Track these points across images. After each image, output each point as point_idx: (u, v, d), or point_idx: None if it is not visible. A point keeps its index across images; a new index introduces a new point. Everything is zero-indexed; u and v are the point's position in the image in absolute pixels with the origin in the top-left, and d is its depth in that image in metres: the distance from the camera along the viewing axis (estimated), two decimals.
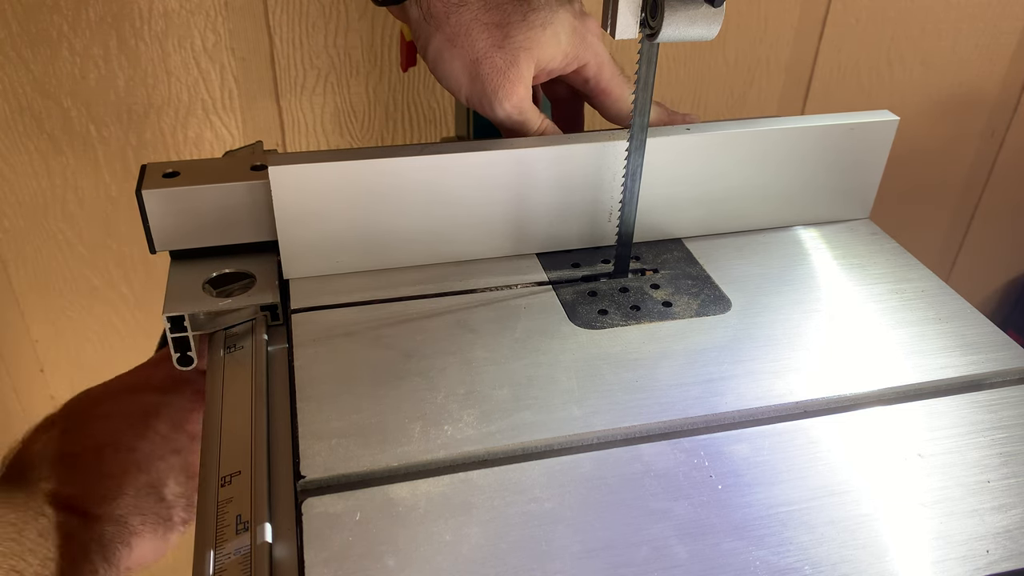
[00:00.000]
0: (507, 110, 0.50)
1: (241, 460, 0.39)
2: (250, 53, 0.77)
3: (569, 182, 0.51)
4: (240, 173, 0.49)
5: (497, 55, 0.48)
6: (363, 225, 0.50)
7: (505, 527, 0.35)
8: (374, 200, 0.49)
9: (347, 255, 0.50)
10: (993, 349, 0.46)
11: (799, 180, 0.56)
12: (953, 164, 1.09)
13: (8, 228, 0.81)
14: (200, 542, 0.35)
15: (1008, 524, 0.37)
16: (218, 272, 0.49)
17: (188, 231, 0.49)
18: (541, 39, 0.49)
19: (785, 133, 0.53)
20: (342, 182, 0.48)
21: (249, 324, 0.48)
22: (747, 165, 0.54)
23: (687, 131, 0.52)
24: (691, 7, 0.41)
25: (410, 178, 0.49)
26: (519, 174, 0.50)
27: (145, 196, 0.48)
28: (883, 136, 0.55)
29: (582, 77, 0.53)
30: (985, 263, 1.21)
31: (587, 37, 0.51)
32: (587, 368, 0.44)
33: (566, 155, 0.50)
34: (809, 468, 0.39)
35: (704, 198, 0.55)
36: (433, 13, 0.49)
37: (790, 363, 0.45)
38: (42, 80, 0.74)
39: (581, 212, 0.53)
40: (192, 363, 0.47)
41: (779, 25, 0.91)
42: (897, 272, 0.53)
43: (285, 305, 0.49)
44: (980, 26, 0.98)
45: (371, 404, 0.41)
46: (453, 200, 0.50)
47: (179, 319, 0.46)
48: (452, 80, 0.50)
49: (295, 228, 0.49)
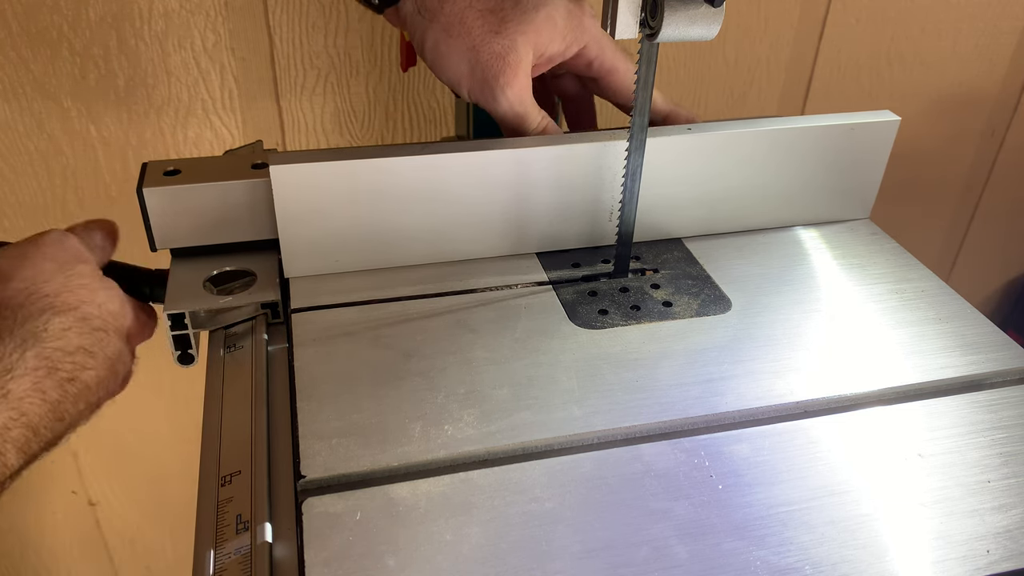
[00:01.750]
0: (509, 98, 0.49)
1: (241, 460, 0.39)
2: (250, 53, 0.77)
3: (569, 182, 0.51)
4: (241, 171, 0.49)
5: (495, 40, 0.48)
6: (364, 224, 0.50)
7: (505, 527, 0.35)
8: (375, 199, 0.49)
9: (348, 254, 0.50)
10: (993, 349, 0.46)
11: (800, 180, 0.56)
12: (953, 164, 1.09)
13: (8, 228, 0.81)
14: (200, 542, 0.35)
15: (1008, 524, 0.37)
16: (219, 270, 0.49)
17: (189, 229, 0.49)
18: (536, 21, 0.49)
19: (786, 133, 0.53)
20: (343, 181, 0.48)
21: (249, 323, 0.48)
22: (748, 165, 0.54)
23: (688, 131, 0.52)
24: (691, 7, 0.41)
25: (410, 177, 0.49)
26: (519, 173, 0.50)
27: (146, 194, 0.48)
28: (884, 136, 0.55)
29: (585, 60, 0.53)
30: (985, 263, 1.21)
31: (583, 20, 0.51)
32: (587, 368, 0.44)
33: (566, 155, 0.50)
34: (809, 468, 0.39)
35: (705, 198, 0.55)
36: (427, 6, 0.49)
37: (790, 363, 0.45)
38: (42, 80, 0.74)
39: (581, 212, 0.53)
40: (193, 361, 0.47)
41: (779, 25, 0.91)
42: (897, 272, 0.53)
43: (286, 303, 0.49)
44: (980, 26, 0.98)
45: (371, 404, 0.41)
46: (453, 199, 0.50)
47: (180, 316, 0.46)
48: (451, 72, 0.50)
49: (296, 227, 0.49)
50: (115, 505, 1.02)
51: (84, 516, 1.02)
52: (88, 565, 1.07)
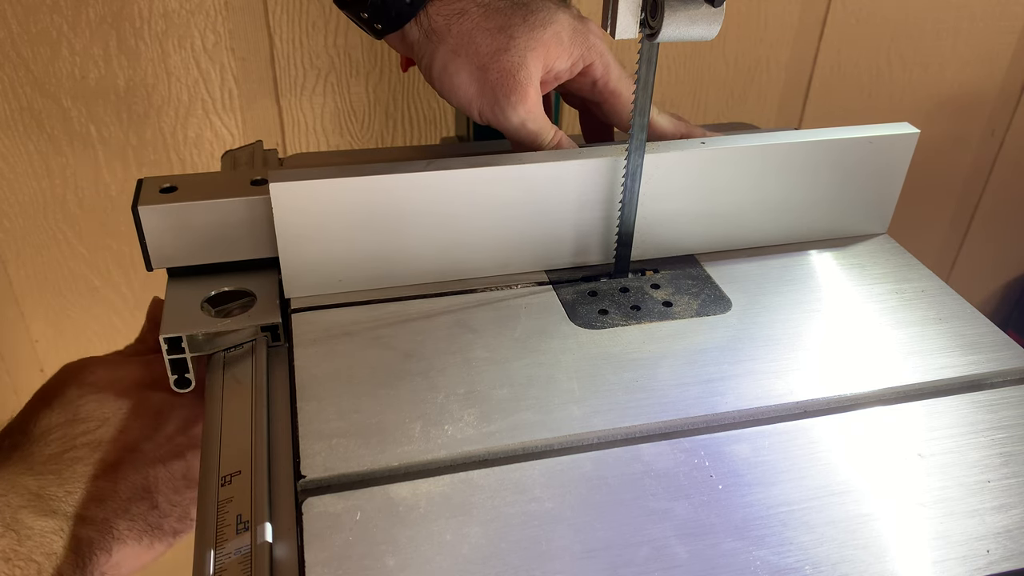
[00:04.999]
0: (520, 115, 0.48)
1: (241, 460, 0.39)
2: (250, 53, 0.77)
3: (581, 198, 0.50)
4: (239, 188, 0.47)
5: (504, 58, 0.47)
6: (367, 242, 0.48)
7: (505, 527, 0.35)
8: (378, 217, 0.47)
9: (351, 273, 0.49)
10: (993, 349, 0.46)
11: (816, 195, 0.54)
12: (953, 164, 1.09)
13: (8, 228, 0.81)
14: (200, 542, 0.35)
15: (1008, 524, 0.37)
16: (217, 290, 0.48)
17: (186, 248, 0.48)
18: (544, 38, 0.48)
19: (803, 147, 0.52)
20: (345, 198, 0.46)
21: (249, 346, 0.46)
22: (762, 180, 0.52)
23: (701, 144, 0.50)
24: (691, 7, 0.41)
25: (415, 195, 0.47)
26: (526, 190, 0.49)
27: (142, 212, 0.46)
28: (903, 149, 0.53)
29: (590, 79, 0.52)
30: (985, 263, 1.21)
31: (589, 38, 0.51)
32: (587, 368, 0.44)
33: (577, 170, 0.49)
34: (809, 468, 0.39)
35: (719, 212, 0.53)
36: (434, 28, 0.48)
37: (790, 363, 0.45)
38: (42, 80, 0.74)
39: (591, 230, 0.51)
40: (190, 385, 0.46)
41: (779, 25, 0.91)
42: (897, 272, 0.53)
43: (287, 325, 0.47)
44: (980, 26, 0.98)
45: (371, 404, 0.41)
46: (459, 216, 0.48)
47: (177, 340, 0.44)
48: (461, 92, 0.49)
49: (297, 245, 0.47)
50: None
51: None
52: None
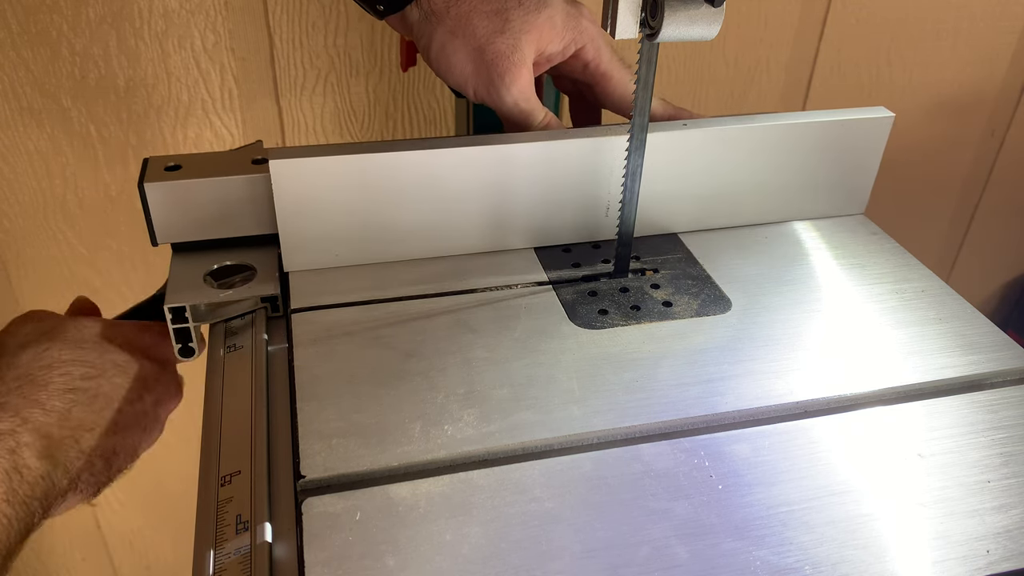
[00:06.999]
0: (514, 95, 0.51)
1: (241, 460, 0.39)
2: (250, 53, 0.77)
3: (563, 177, 0.52)
4: (241, 166, 0.50)
5: (499, 40, 0.50)
6: (362, 218, 0.50)
7: (505, 527, 0.35)
8: (373, 193, 0.49)
9: (346, 248, 0.51)
10: (993, 349, 0.46)
11: (795, 175, 0.56)
12: (953, 164, 1.09)
13: (8, 228, 0.81)
14: (200, 542, 0.35)
15: (1008, 524, 0.37)
16: (219, 264, 0.50)
17: (189, 224, 0.50)
18: (538, 22, 0.51)
19: (781, 129, 0.54)
20: (342, 175, 0.48)
21: (249, 317, 0.48)
22: (743, 160, 0.54)
23: (684, 127, 0.52)
24: (691, 7, 0.41)
25: (410, 172, 0.49)
26: (518, 168, 0.51)
27: (147, 189, 0.48)
28: (878, 133, 0.56)
29: (581, 62, 0.54)
30: (985, 263, 1.21)
31: (581, 22, 0.53)
32: (587, 368, 0.44)
33: (564, 150, 0.50)
34: (809, 468, 0.39)
35: (701, 193, 0.55)
36: (434, 10, 0.51)
37: (790, 363, 0.45)
38: (42, 80, 0.74)
39: (576, 206, 0.53)
40: (194, 354, 0.47)
41: (779, 25, 0.91)
42: (897, 272, 0.53)
43: (285, 297, 0.49)
44: (980, 26, 0.98)
45: (371, 404, 0.41)
46: (451, 194, 0.50)
47: (180, 310, 0.46)
48: (457, 72, 0.52)
49: (295, 221, 0.49)
50: (115, 505, 1.02)
51: (84, 516, 1.02)
52: (88, 565, 1.07)
